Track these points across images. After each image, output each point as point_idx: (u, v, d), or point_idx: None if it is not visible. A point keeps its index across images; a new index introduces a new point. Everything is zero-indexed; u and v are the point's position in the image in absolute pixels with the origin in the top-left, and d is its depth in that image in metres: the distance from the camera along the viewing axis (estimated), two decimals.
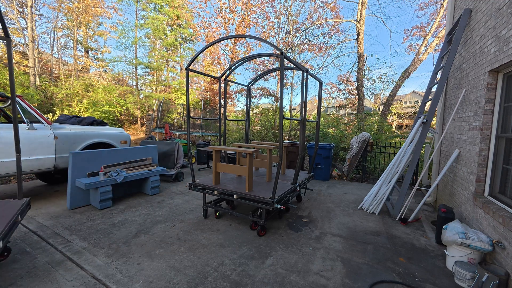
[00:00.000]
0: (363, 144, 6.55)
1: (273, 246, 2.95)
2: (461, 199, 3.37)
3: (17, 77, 11.74)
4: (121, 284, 2.21)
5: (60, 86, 13.82)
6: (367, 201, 4.30)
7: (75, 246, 2.85)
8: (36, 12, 13.77)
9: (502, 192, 2.68)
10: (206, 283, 2.24)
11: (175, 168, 6.09)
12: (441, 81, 3.80)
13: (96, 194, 4.01)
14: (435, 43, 9.71)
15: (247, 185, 3.32)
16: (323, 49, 13.40)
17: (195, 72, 4.06)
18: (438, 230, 3.07)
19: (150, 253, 2.74)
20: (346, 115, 13.84)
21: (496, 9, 2.75)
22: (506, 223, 2.19)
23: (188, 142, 3.85)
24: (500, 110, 2.79)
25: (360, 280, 2.34)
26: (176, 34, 17.92)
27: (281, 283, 2.27)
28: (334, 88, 13.85)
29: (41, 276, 2.31)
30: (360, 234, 3.36)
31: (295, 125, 11.99)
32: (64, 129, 4.50)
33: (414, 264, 2.64)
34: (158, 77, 19.08)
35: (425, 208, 4.49)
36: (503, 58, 2.52)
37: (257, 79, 5.79)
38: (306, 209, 4.32)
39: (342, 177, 6.90)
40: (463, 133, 3.49)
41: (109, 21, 19.17)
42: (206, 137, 13.02)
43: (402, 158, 4.19)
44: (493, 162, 2.82)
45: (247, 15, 14.77)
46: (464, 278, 2.27)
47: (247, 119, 5.47)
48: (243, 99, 18.12)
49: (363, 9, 10.22)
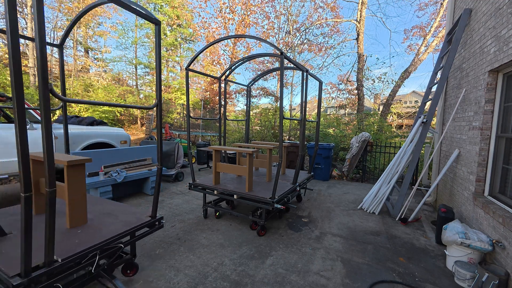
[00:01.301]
0: (363, 144, 6.55)
1: (273, 246, 2.95)
2: (461, 199, 3.38)
3: None
4: (121, 284, 2.21)
5: (60, 86, 13.82)
6: (367, 201, 4.30)
7: None
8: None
9: (502, 192, 2.68)
10: (206, 283, 2.24)
11: (175, 168, 6.09)
12: (441, 81, 3.80)
13: (96, 194, 4.01)
14: (435, 43, 9.72)
15: (247, 185, 3.32)
16: (323, 49, 13.41)
17: (195, 72, 4.06)
18: (438, 230, 3.07)
19: (150, 253, 2.74)
20: (346, 115, 13.85)
21: (496, 9, 2.75)
22: (506, 223, 2.19)
23: (188, 142, 3.86)
24: (500, 110, 2.79)
25: (360, 280, 2.34)
26: (176, 34, 17.92)
27: (281, 283, 2.27)
28: (334, 88, 13.87)
29: None
30: (360, 234, 3.36)
31: (295, 125, 11.99)
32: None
33: (414, 264, 2.64)
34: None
35: (425, 208, 4.49)
36: (503, 58, 2.52)
37: (257, 79, 5.79)
38: (306, 209, 4.32)
39: (342, 177, 6.90)
40: (463, 133, 3.49)
41: (109, 21, 19.17)
42: (206, 137, 13.02)
43: (402, 158, 4.19)
44: (493, 162, 2.82)
45: (247, 15, 14.77)
46: (464, 278, 2.27)
47: (247, 119, 5.47)
48: (243, 99, 18.13)
49: (363, 9, 10.22)
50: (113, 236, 1.90)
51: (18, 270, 1.41)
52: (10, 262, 1.51)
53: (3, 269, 1.42)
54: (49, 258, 1.48)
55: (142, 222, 2.17)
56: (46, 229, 1.43)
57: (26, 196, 1.28)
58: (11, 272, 1.40)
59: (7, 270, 1.41)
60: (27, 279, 1.39)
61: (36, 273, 1.44)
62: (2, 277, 1.40)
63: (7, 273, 1.40)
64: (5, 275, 1.39)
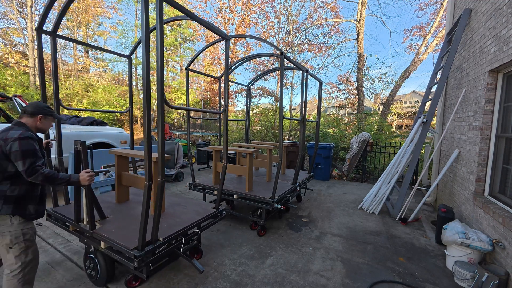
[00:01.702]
0: (363, 144, 6.55)
1: (273, 246, 2.95)
2: (461, 199, 3.38)
3: (17, 77, 11.73)
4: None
5: (60, 86, 13.82)
6: (367, 201, 4.30)
7: (75, 246, 2.85)
8: (36, 12, 13.77)
9: (502, 192, 2.68)
10: (206, 283, 2.24)
11: (175, 168, 6.09)
12: (441, 81, 3.80)
13: (96, 194, 4.01)
14: (435, 43, 9.71)
15: (247, 185, 3.32)
16: (323, 49, 13.41)
17: (195, 72, 4.06)
18: (438, 230, 3.07)
19: None
20: (346, 115, 13.84)
21: (496, 9, 2.75)
22: (506, 223, 2.19)
23: (188, 142, 3.86)
24: (500, 110, 2.79)
25: (360, 280, 2.34)
26: (176, 34, 17.90)
27: (281, 283, 2.27)
28: (334, 88, 13.85)
29: (41, 276, 2.31)
30: (360, 234, 3.36)
31: (295, 125, 11.99)
32: (64, 129, 4.49)
33: (414, 264, 2.64)
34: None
35: (425, 208, 4.49)
36: (503, 58, 2.52)
37: (257, 79, 5.79)
38: (306, 209, 4.32)
39: (342, 177, 6.90)
40: (463, 133, 3.49)
41: (109, 21, 19.17)
42: (206, 137, 13.02)
43: (402, 158, 4.19)
44: (493, 162, 2.81)
45: (247, 15, 14.77)
46: (464, 278, 2.27)
47: (247, 119, 5.47)
48: (243, 99, 18.10)
49: (363, 9, 10.22)
50: (192, 223, 2.28)
51: (134, 245, 1.80)
52: (123, 239, 1.90)
53: (123, 243, 1.82)
54: (155, 237, 1.89)
55: (210, 213, 2.53)
56: (155, 214, 1.81)
57: (149, 184, 1.69)
58: (131, 246, 1.79)
59: (126, 245, 1.81)
60: (144, 251, 1.78)
61: (148, 248, 1.82)
62: (123, 249, 1.80)
63: (127, 246, 1.79)
64: (126, 248, 1.78)
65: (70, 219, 2.26)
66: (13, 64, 12.57)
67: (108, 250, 1.95)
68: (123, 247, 1.80)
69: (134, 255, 1.73)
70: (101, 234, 1.97)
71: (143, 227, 1.73)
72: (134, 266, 1.75)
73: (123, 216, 2.40)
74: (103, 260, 2.08)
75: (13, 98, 4.07)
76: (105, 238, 1.94)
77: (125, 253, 1.79)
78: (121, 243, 1.83)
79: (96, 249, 2.12)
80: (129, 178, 2.64)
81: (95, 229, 2.05)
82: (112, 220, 2.28)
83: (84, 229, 2.09)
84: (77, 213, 2.13)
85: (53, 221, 2.50)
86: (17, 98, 4.08)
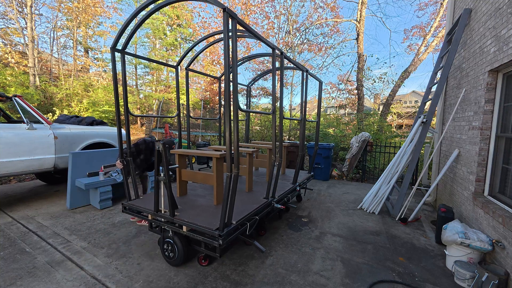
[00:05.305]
0: (363, 144, 6.55)
1: (273, 246, 2.95)
2: (460, 198, 3.38)
3: (17, 77, 11.72)
4: (121, 284, 2.21)
5: (59, 86, 13.81)
6: (367, 201, 4.30)
7: (75, 246, 2.85)
8: (35, 12, 13.75)
9: (502, 192, 2.68)
10: (206, 283, 2.24)
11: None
12: (441, 81, 3.80)
13: (96, 194, 4.01)
14: (435, 43, 9.71)
15: (247, 185, 3.32)
16: (323, 49, 13.39)
17: (195, 72, 4.06)
18: (438, 229, 3.07)
19: (150, 253, 2.74)
20: (346, 115, 13.83)
21: (496, 9, 2.75)
22: (506, 222, 2.19)
23: (188, 142, 3.86)
24: (499, 110, 2.79)
25: (360, 280, 2.35)
26: (176, 34, 17.90)
27: (281, 283, 2.27)
28: (334, 88, 13.83)
29: (41, 276, 2.31)
30: (360, 234, 3.36)
31: (295, 125, 11.99)
32: (64, 129, 4.49)
33: (414, 264, 2.64)
34: (158, 77, 19.06)
35: (425, 208, 4.50)
36: (503, 58, 2.52)
37: (257, 79, 5.79)
38: (306, 209, 4.32)
39: (342, 177, 6.90)
40: (463, 133, 3.49)
41: (109, 21, 19.16)
42: (206, 137, 13.01)
43: (402, 158, 4.19)
44: (492, 162, 2.82)
45: (247, 15, 14.75)
46: (463, 277, 2.27)
47: (247, 119, 5.47)
48: (243, 99, 18.12)
49: (363, 9, 10.22)
50: (252, 210, 2.61)
51: (216, 226, 2.16)
52: (205, 222, 2.26)
53: (206, 226, 2.17)
54: (229, 221, 2.21)
55: (264, 203, 2.86)
56: (231, 201, 2.11)
57: (233, 174, 2.03)
58: (213, 227, 2.15)
59: (209, 227, 2.16)
60: (225, 232, 2.11)
61: (228, 229, 2.16)
62: (207, 231, 2.14)
63: (211, 227, 2.14)
64: (209, 229, 2.13)
65: (149, 209, 2.58)
66: (13, 64, 12.56)
67: (190, 233, 2.28)
68: (206, 228, 2.13)
69: (218, 234, 2.05)
70: (182, 220, 2.31)
71: (225, 210, 2.04)
72: (218, 243, 2.05)
73: (189, 207, 2.71)
74: (180, 243, 2.42)
75: (13, 98, 4.07)
76: (187, 222, 2.28)
77: (209, 233, 2.13)
78: (204, 225, 2.18)
79: (174, 234, 2.45)
80: (189, 174, 3.00)
81: (175, 216, 2.39)
82: (183, 210, 2.60)
83: (166, 217, 2.43)
84: (157, 203, 2.48)
85: (129, 212, 2.82)
86: (17, 98, 4.07)
